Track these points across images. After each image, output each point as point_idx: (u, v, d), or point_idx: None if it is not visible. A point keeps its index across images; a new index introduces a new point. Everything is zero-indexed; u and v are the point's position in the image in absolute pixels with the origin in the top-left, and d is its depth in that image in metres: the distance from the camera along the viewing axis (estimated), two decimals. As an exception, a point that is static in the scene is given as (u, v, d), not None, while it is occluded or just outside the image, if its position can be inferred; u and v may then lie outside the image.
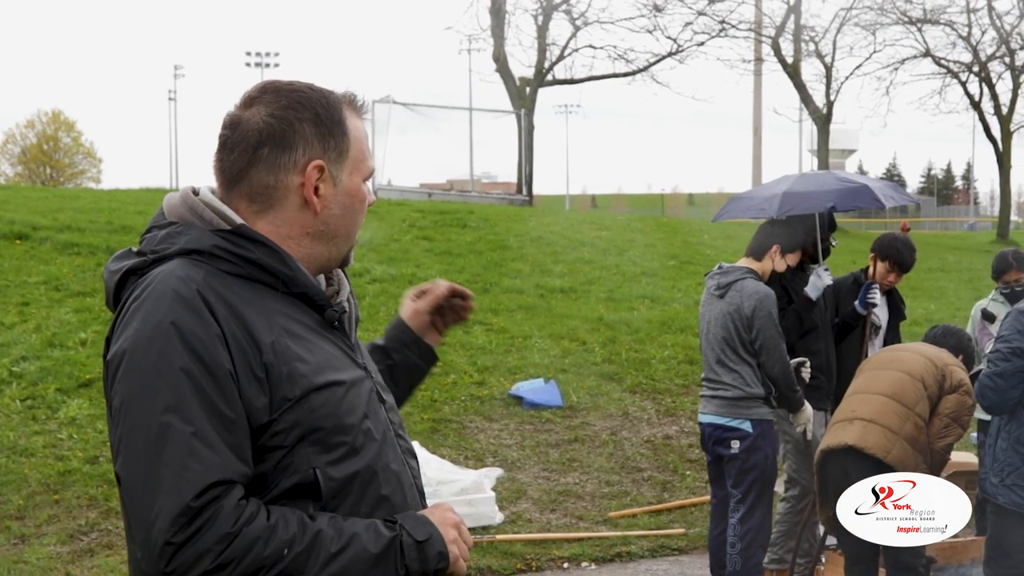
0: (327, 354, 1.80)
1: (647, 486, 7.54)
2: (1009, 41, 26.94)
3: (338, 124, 1.82)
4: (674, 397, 9.24)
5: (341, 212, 1.84)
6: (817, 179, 5.84)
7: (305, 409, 1.72)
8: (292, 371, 1.71)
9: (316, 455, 1.72)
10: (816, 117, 28.39)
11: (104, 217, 13.38)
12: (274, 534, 1.64)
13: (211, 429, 1.63)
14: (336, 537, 1.68)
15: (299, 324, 1.78)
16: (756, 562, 5.11)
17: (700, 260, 15.31)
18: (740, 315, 5.05)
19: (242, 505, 1.64)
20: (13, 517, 6.31)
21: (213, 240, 1.75)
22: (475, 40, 34.38)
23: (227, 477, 1.63)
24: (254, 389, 1.68)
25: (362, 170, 1.87)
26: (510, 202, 25.44)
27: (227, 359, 1.66)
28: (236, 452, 1.65)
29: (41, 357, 8.45)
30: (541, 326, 10.76)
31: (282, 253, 1.78)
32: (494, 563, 6.10)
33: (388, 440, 1.86)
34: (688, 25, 28.07)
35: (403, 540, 1.74)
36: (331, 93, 1.85)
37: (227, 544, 1.60)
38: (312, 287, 1.81)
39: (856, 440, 4.42)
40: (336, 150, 1.82)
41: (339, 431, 1.75)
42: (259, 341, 1.70)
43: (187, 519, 1.59)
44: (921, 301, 14.03)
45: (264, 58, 53.87)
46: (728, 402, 5.10)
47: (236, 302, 1.71)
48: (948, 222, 61.86)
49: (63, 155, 60.68)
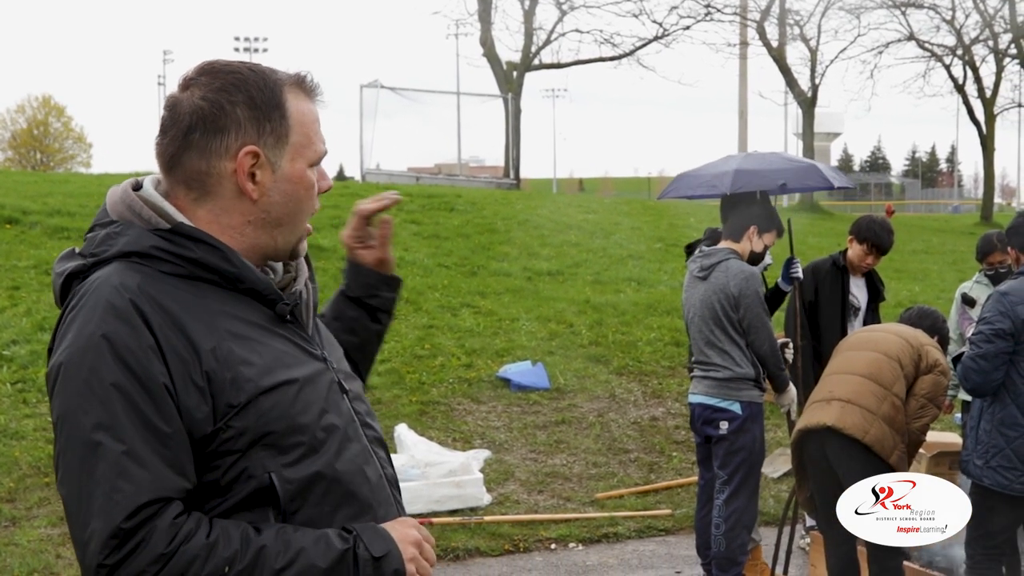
0: (277, 352, 1.72)
1: (634, 467, 7.59)
2: (992, 25, 27.08)
3: (276, 107, 1.72)
4: (660, 379, 9.30)
5: (282, 200, 1.74)
6: (764, 158, 5.84)
7: (253, 414, 1.64)
8: (236, 376, 1.64)
9: (271, 458, 1.65)
10: (801, 101, 28.51)
11: (94, 202, 13.34)
12: (213, 552, 1.57)
13: (144, 445, 1.56)
14: (282, 552, 1.61)
15: (245, 323, 1.70)
16: (741, 543, 5.12)
17: (686, 242, 15.35)
18: (726, 295, 5.06)
19: (178, 523, 1.57)
20: (4, 500, 6.32)
21: (151, 241, 1.68)
22: (462, 25, 34.82)
23: (160, 495, 1.57)
24: (195, 399, 1.61)
25: (307, 155, 1.76)
26: (497, 186, 25.47)
27: (162, 371, 1.59)
28: (173, 467, 1.58)
29: (31, 341, 8.45)
30: (528, 309, 10.81)
31: (224, 250, 1.70)
32: (482, 544, 6.13)
33: (352, 433, 1.78)
34: (674, 9, 28.20)
35: (358, 554, 1.66)
36: (273, 74, 1.75)
37: (163, 565, 1.54)
38: (260, 282, 1.73)
39: (834, 420, 4.43)
40: (273, 135, 1.72)
41: (294, 431, 1.68)
42: (199, 348, 1.62)
43: (119, 541, 1.53)
44: (906, 283, 14.14)
45: (253, 43, 53.52)
46: (718, 383, 5.11)
47: (174, 308, 1.63)
48: (932, 204, 62.12)
49: (53, 140, 60.48)
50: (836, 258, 6.04)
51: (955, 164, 79.24)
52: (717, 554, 5.12)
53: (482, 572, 5.84)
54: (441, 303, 10.77)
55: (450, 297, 11.01)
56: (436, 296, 10.96)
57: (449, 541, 6.08)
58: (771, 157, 5.94)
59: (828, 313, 5.91)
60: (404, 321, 9.97)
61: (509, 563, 5.98)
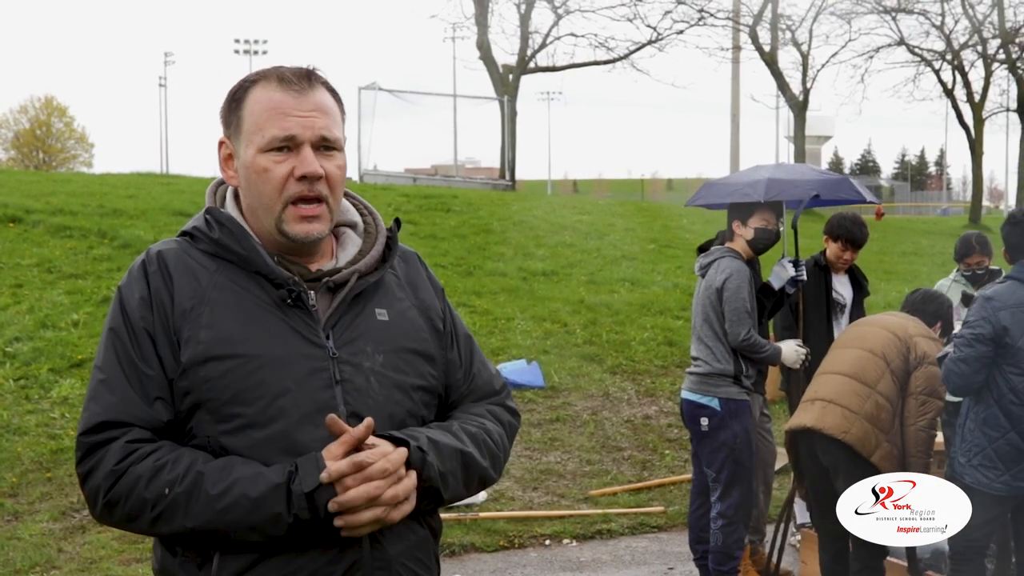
0: (260, 330, 1.80)
1: (627, 465, 7.64)
2: (981, 30, 27.23)
3: (236, 100, 1.89)
4: (654, 378, 9.37)
5: (247, 184, 1.88)
6: (796, 169, 5.88)
7: (199, 378, 1.76)
8: (192, 337, 1.78)
9: (210, 424, 1.77)
10: (793, 104, 28.60)
11: (96, 201, 13.45)
12: (158, 474, 1.70)
13: (118, 377, 1.78)
14: (219, 480, 1.70)
15: (244, 299, 1.82)
16: (737, 538, 5.16)
17: (679, 244, 15.46)
18: (715, 289, 5.15)
19: (133, 446, 1.73)
20: (6, 495, 6.39)
21: (196, 222, 1.91)
22: (459, 28, 35.08)
23: (121, 419, 1.75)
24: (166, 350, 1.79)
25: (256, 141, 1.84)
26: (493, 187, 25.50)
27: (147, 319, 1.80)
28: (144, 399, 1.77)
29: (34, 338, 8.52)
30: (524, 308, 10.87)
31: (238, 232, 1.86)
32: (477, 540, 6.17)
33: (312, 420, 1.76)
34: (668, 14, 28.28)
35: (291, 488, 1.69)
36: (257, 73, 1.92)
37: (113, 481, 1.72)
38: (264, 265, 1.84)
39: (814, 421, 4.49)
40: (235, 126, 1.88)
41: (236, 403, 1.75)
42: (176, 305, 1.80)
43: (83, 452, 1.76)
44: (895, 284, 14.26)
45: (253, 45, 53.64)
46: (700, 378, 5.19)
47: (175, 271, 1.84)
48: (921, 207, 62.26)
49: (55, 140, 60.72)
50: (817, 258, 6.10)
51: (944, 167, 79.56)
52: (714, 548, 5.16)
53: (477, 568, 5.87)
54: (437, 303, 10.81)
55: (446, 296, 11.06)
56: (432, 296, 11.00)
57: (445, 537, 6.14)
58: (802, 168, 5.97)
59: (813, 313, 5.93)
60: (401, 320, 10.04)
61: (504, 559, 6.03)
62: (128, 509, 1.72)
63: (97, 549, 5.77)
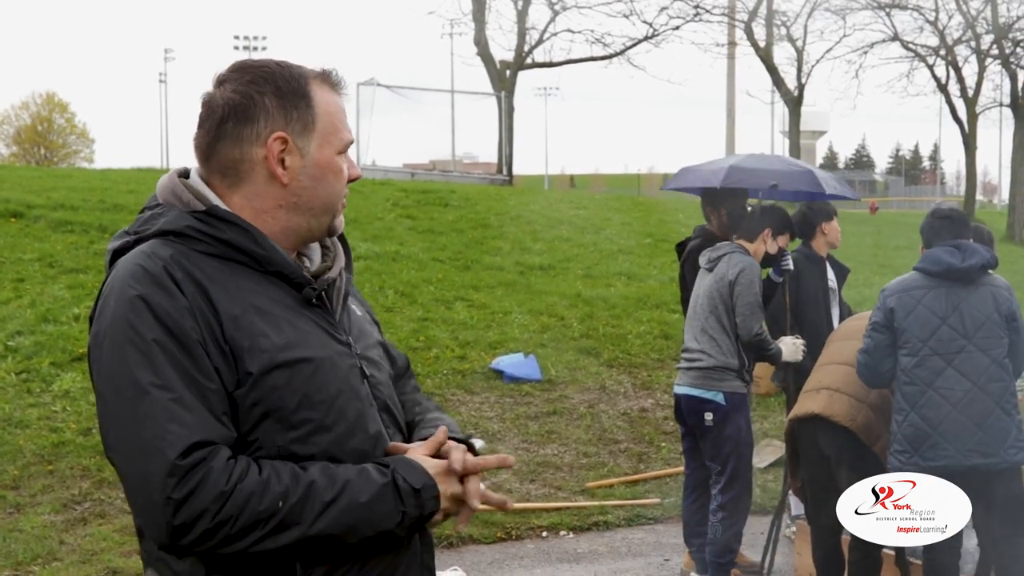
0: (301, 332, 1.78)
1: (623, 457, 7.67)
2: (975, 25, 27.25)
3: (302, 97, 1.80)
4: (650, 371, 9.40)
5: (312, 184, 1.82)
6: (764, 159, 5.89)
7: (268, 386, 1.71)
8: (254, 346, 1.71)
9: (280, 432, 1.73)
10: (788, 99, 28.64)
11: (97, 196, 13.50)
12: (268, 488, 1.65)
13: (188, 395, 1.65)
14: (329, 486, 1.69)
15: (272, 302, 1.77)
16: (736, 531, 5.20)
17: (675, 238, 15.30)
18: (727, 282, 5.14)
19: (231, 464, 1.65)
20: (8, 487, 6.41)
21: (187, 221, 1.76)
22: (457, 24, 35.87)
23: (209, 438, 1.65)
24: (221, 360, 1.69)
25: (333, 143, 1.84)
26: (491, 182, 25.57)
27: (195, 330, 1.68)
28: (214, 416, 1.67)
29: (35, 332, 8.55)
30: (521, 302, 10.91)
31: (254, 232, 1.78)
32: (475, 532, 6.18)
33: (368, 417, 1.83)
34: (663, 10, 28.25)
35: (399, 485, 1.74)
36: (299, 68, 1.83)
37: (223, 502, 1.62)
38: (287, 265, 1.80)
39: (822, 408, 4.52)
40: (300, 122, 1.80)
41: (305, 408, 1.74)
42: (222, 315, 1.70)
43: (177, 478, 1.61)
44: (890, 278, 14.20)
45: (252, 41, 53.70)
46: (703, 373, 5.18)
47: (202, 278, 1.72)
48: (915, 201, 62.34)
49: (57, 136, 60.87)
50: (808, 253, 6.01)
51: (938, 162, 79.78)
52: (712, 540, 5.18)
53: (475, 559, 5.90)
54: (435, 296, 10.85)
55: (444, 290, 11.10)
56: (430, 289, 11.06)
57: (443, 529, 6.18)
58: (772, 159, 5.99)
59: (812, 304, 5.91)
60: (399, 314, 10.10)
61: (501, 550, 6.06)
62: (238, 527, 1.64)
63: (98, 541, 5.79)
